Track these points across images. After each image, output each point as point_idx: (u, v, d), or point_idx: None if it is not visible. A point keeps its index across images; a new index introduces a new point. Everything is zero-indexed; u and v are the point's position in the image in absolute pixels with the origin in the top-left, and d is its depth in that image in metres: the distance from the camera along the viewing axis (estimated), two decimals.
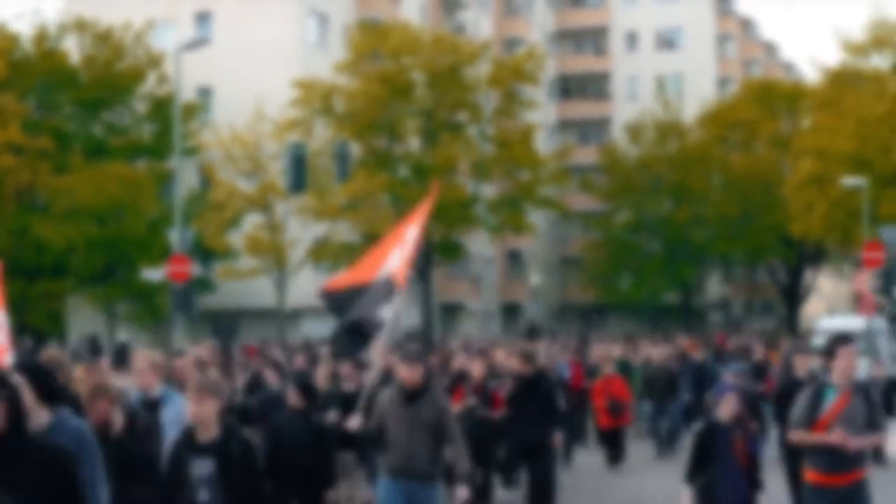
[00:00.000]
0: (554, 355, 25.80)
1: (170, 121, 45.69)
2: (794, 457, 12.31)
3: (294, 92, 49.30)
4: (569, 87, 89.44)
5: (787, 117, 67.44)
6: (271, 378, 16.35)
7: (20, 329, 47.35)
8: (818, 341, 33.28)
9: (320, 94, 49.73)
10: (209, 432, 7.84)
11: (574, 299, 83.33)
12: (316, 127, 49.11)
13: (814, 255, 69.95)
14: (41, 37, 50.71)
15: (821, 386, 9.59)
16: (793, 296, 71.79)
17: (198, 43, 36.50)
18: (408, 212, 54.39)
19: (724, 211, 67.52)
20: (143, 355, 10.73)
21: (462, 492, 10.66)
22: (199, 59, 45.57)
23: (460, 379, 17.04)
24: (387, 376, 13.65)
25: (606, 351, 25.17)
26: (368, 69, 51.20)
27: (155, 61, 51.75)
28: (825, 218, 53.10)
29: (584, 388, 23.51)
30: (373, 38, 52.22)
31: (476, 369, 16.82)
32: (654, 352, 25.87)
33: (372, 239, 49.95)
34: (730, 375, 15.63)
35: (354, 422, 11.81)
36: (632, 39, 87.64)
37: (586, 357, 27.43)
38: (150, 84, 52.13)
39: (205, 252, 47.19)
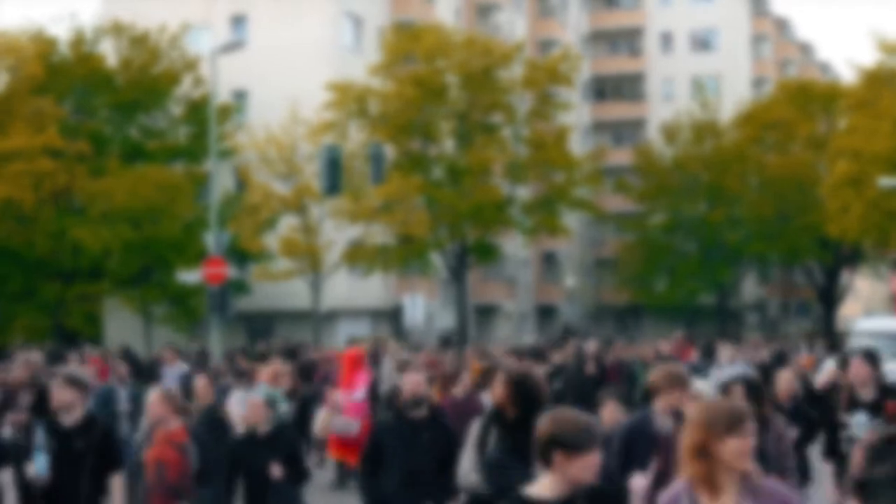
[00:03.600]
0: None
1: (205, 123, 45.90)
2: None
3: (329, 94, 49.36)
4: (603, 89, 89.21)
5: (822, 118, 66.96)
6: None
7: (57, 331, 47.78)
8: (855, 342, 33.10)
9: (355, 97, 49.75)
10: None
11: (609, 301, 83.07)
12: (350, 129, 49.13)
13: (850, 256, 69.42)
14: (78, 40, 51.06)
15: None
16: (829, 297, 71.33)
17: (233, 46, 36.66)
18: (442, 214, 54.16)
19: (760, 212, 67.08)
20: None
21: None
22: (235, 61, 45.80)
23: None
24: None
25: None
26: (402, 71, 51.22)
27: (190, 64, 51.98)
28: (862, 218, 52.72)
29: None
30: (406, 41, 52.24)
31: None
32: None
33: (406, 241, 50.11)
34: None
35: None
36: (666, 40, 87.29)
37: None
38: (185, 87, 52.37)
39: (240, 254, 47.33)
